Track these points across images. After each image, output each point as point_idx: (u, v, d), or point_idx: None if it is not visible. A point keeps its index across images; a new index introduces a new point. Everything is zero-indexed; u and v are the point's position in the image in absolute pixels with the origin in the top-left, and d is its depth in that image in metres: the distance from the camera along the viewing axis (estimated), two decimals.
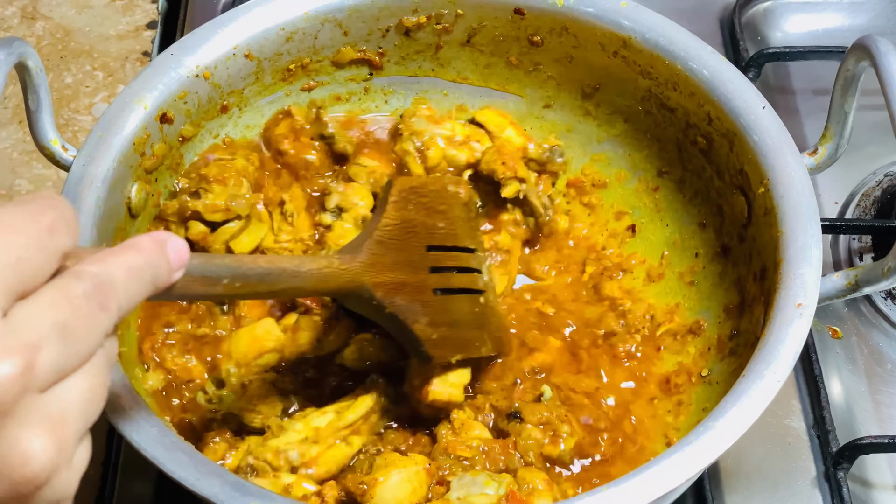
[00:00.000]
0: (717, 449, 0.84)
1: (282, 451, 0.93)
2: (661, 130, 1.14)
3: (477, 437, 0.98)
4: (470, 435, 0.98)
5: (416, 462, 0.94)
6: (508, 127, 1.17)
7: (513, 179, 1.13)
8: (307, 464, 0.94)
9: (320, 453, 0.95)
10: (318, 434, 0.95)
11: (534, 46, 1.16)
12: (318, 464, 0.94)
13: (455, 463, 0.95)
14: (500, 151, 1.14)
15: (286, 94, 1.17)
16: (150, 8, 1.47)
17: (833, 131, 1.01)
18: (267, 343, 1.03)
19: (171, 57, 1.07)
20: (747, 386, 0.87)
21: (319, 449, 0.95)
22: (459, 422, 0.99)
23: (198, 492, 0.80)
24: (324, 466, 0.94)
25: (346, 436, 0.97)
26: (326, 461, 0.95)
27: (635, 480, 0.82)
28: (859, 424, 1.13)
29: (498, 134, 1.16)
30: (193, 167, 1.10)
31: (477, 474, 0.93)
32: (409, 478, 0.92)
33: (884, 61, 0.92)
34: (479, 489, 0.91)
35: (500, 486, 0.92)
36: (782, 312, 0.91)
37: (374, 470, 0.93)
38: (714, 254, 1.10)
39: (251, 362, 1.02)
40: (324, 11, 1.12)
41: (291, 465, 0.93)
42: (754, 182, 1.02)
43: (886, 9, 1.46)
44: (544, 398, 1.02)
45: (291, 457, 0.93)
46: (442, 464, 0.95)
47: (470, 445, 0.97)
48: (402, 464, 0.93)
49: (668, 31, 1.09)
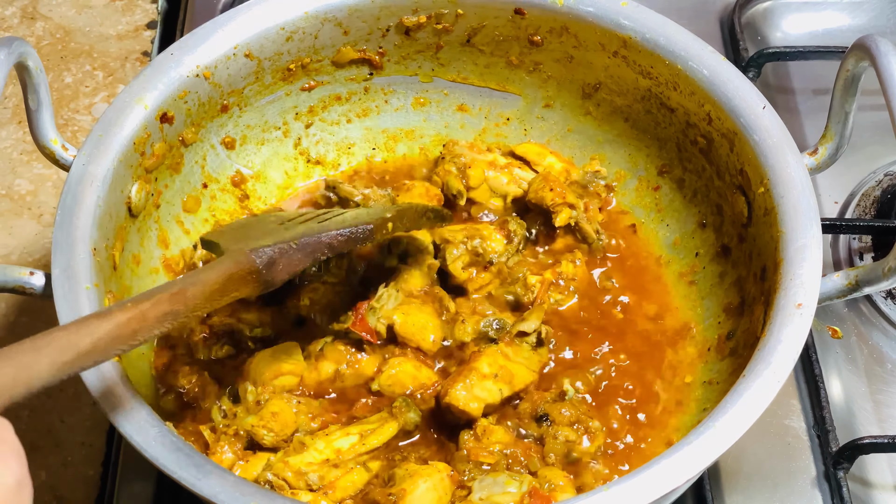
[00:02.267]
0: (717, 449, 0.84)
1: (303, 472, 0.94)
2: (661, 130, 1.14)
3: (499, 441, 0.98)
4: (492, 440, 0.98)
5: (438, 470, 0.94)
6: (548, 155, 1.18)
7: (563, 206, 1.12)
8: (325, 487, 0.94)
9: (338, 478, 0.95)
10: (339, 456, 0.96)
11: (534, 46, 1.16)
12: (335, 488, 0.94)
13: (476, 468, 0.96)
14: (547, 179, 1.14)
15: (286, 94, 1.17)
16: (150, 8, 1.47)
17: (833, 131, 1.01)
18: (285, 365, 1.02)
19: (172, 57, 1.07)
20: (747, 386, 0.87)
21: (339, 473, 0.95)
22: (482, 428, 0.99)
23: (198, 492, 0.80)
24: (341, 492, 0.95)
25: (366, 461, 0.97)
26: (344, 486, 0.95)
27: (636, 480, 0.82)
28: (859, 424, 1.13)
29: (539, 162, 1.17)
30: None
31: (498, 475, 0.94)
32: (434, 486, 0.93)
33: (884, 61, 0.92)
34: (501, 489, 0.92)
35: (521, 485, 0.92)
36: (782, 312, 0.91)
37: (399, 481, 0.93)
38: (714, 254, 1.10)
39: (268, 382, 1.01)
40: (324, 11, 1.12)
41: (310, 486, 0.94)
42: (754, 182, 1.02)
43: (886, 9, 1.46)
44: (568, 396, 1.02)
45: (311, 479, 0.94)
46: (462, 469, 0.95)
47: (492, 451, 0.97)
48: (427, 473, 0.93)
49: (668, 31, 1.09)
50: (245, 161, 1.17)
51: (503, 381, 1.01)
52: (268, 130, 1.18)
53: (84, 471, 1.10)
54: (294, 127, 1.20)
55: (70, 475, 1.10)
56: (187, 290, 0.82)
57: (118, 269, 1.00)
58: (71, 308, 0.90)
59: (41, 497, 1.08)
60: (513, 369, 1.02)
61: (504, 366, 1.02)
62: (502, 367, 1.01)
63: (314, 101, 1.19)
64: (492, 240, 1.11)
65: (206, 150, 1.13)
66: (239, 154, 1.17)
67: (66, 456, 1.11)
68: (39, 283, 0.93)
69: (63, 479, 1.09)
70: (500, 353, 1.03)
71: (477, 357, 1.02)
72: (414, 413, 1.00)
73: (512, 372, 1.02)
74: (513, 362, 1.02)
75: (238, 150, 1.16)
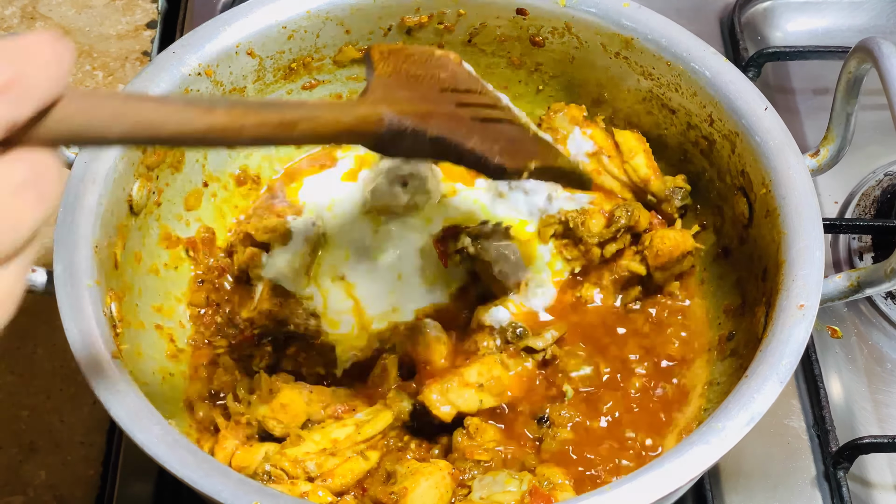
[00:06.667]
0: (719, 450, 0.84)
1: (300, 460, 0.94)
2: (662, 131, 1.14)
3: (492, 439, 0.98)
4: (485, 438, 0.98)
5: (440, 468, 0.94)
6: (640, 154, 1.12)
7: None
8: (324, 475, 0.94)
9: (337, 465, 0.95)
10: (335, 446, 0.96)
11: (536, 47, 1.16)
12: (334, 476, 0.94)
13: (474, 465, 0.96)
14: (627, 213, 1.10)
15: (288, 93, 1.16)
16: (149, 7, 1.47)
17: (835, 133, 1.01)
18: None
19: (174, 55, 1.06)
20: (750, 387, 0.87)
21: (337, 461, 0.95)
22: (474, 426, 0.99)
23: (202, 490, 0.80)
24: (340, 479, 0.95)
25: (363, 450, 0.97)
26: (343, 473, 0.95)
27: (636, 481, 0.82)
28: (859, 424, 1.13)
29: (628, 159, 1.12)
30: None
31: (497, 474, 0.94)
32: (435, 483, 0.92)
33: (886, 63, 0.92)
34: (501, 487, 0.92)
35: (521, 483, 0.92)
36: (784, 314, 0.91)
37: (400, 479, 0.93)
38: (715, 255, 1.10)
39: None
40: (326, 10, 1.12)
41: (309, 475, 0.94)
42: (756, 183, 1.02)
43: (886, 9, 1.47)
44: (567, 397, 1.02)
45: (309, 467, 0.94)
46: (462, 467, 0.96)
47: (486, 448, 0.97)
48: (428, 471, 0.93)
49: (669, 32, 1.09)
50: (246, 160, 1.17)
51: (489, 392, 1.00)
52: None
53: (84, 471, 1.10)
54: None
55: (70, 475, 1.09)
56: (298, 125, 0.74)
57: (119, 267, 1.00)
58: (72, 305, 0.90)
59: (41, 497, 1.08)
60: (505, 382, 1.01)
61: (497, 377, 1.01)
62: (493, 378, 1.00)
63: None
64: (595, 218, 1.09)
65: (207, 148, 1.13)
66: (240, 152, 1.16)
67: (66, 456, 1.11)
68: (41, 280, 0.93)
69: (63, 479, 1.09)
70: (499, 363, 1.02)
71: (471, 362, 1.02)
72: (407, 402, 1.00)
73: (504, 384, 1.01)
74: (509, 374, 1.02)
75: (239, 148, 1.16)
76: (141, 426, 0.84)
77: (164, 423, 0.84)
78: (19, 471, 1.09)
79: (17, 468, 1.10)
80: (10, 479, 1.09)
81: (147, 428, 0.83)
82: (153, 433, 0.83)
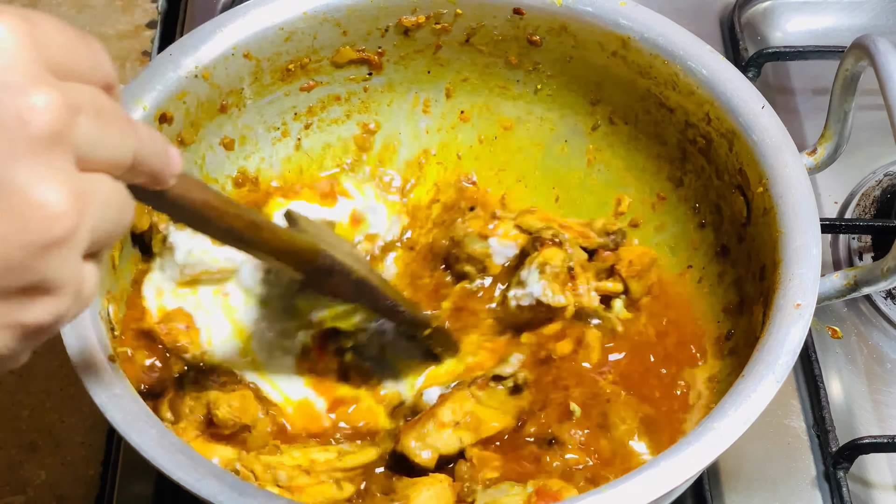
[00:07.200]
0: (717, 449, 0.84)
1: (272, 467, 0.92)
2: (660, 130, 1.14)
3: (496, 467, 0.97)
4: (490, 466, 0.97)
5: (440, 480, 0.93)
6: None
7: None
8: (292, 489, 0.92)
9: (308, 484, 0.93)
10: (312, 466, 0.94)
11: (533, 46, 1.16)
12: (303, 494, 0.92)
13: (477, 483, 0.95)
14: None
15: (285, 94, 1.16)
16: (149, 7, 1.47)
17: (832, 131, 1.01)
18: None
19: (170, 57, 1.07)
20: (746, 386, 0.87)
21: (309, 481, 0.93)
22: (476, 457, 0.97)
23: (197, 493, 0.80)
24: (308, 498, 0.92)
25: (339, 478, 0.95)
26: (313, 494, 0.92)
27: (635, 481, 0.82)
28: (859, 424, 1.13)
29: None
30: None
31: (499, 485, 0.93)
32: (437, 495, 0.92)
33: (883, 61, 0.92)
34: (504, 493, 0.92)
35: (526, 486, 0.92)
36: (781, 312, 0.90)
37: (401, 489, 0.92)
38: (713, 254, 1.10)
39: None
40: (323, 11, 1.12)
41: (278, 482, 0.92)
42: (753, 182, 1.02)
43: (886, 9, 1.46)
44: (575, 415, 1.00)
45: (279, 476, 0.92)
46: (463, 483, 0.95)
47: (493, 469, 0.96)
48: (429, 482, 0.93)
49: (667, 31, 1.09)
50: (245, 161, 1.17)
51: (465, 429, 0.97)
52: (267, 131, 1.18)
53: (84, 471, 1.10)
54: (293, 127, 1.19)
55: (70, 475, 1.10)
56: (262, 231, 0.85)
57: (117, 269, 1.00)
58: None
59: (41, 497, 1.08)
60: (482, 415, 0.98)
61: (471, 412, 0.98)
62: (468, 414, 0.98)
63: (313, 102, 1.19)
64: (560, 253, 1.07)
65: (205, 150, 1.13)
66: (238, 154, 1.17)
67: (66, 456, 1.11)
68: None
69: (63, 479, 1.09)
70: (471, 397, 0.99)
71: (443, 400, 0.99)
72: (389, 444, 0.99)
73: (480, 418, 0.98)
74: (484, 407, 0.99)
75: (237, 150, 1.16)
76: (137, 429, 0.83)
77: (160, 426, 0.84)
78: (19, 471, 1.10)
79: (17, 468, 1.10)
80: (10, 479, 1.09)
81: (143, 431, 0.83)
82: (149, 436, 0.83)
